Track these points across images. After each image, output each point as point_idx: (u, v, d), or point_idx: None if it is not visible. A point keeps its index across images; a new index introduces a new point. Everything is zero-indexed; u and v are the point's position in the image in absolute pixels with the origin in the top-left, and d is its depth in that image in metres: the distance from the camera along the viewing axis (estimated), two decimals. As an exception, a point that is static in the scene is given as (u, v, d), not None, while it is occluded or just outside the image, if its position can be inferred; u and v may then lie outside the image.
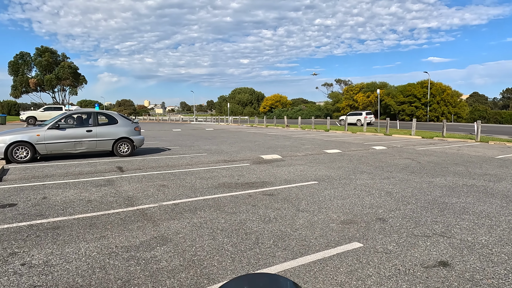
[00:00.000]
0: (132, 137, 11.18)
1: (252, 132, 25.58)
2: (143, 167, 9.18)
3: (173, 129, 30.14)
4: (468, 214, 5.01)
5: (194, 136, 21.60)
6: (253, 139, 18.97)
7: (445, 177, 7.86)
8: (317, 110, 77.60)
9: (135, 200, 5.76)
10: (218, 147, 14.24)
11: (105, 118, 11.25)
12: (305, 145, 15.41)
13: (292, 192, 6.37)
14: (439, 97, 52.24)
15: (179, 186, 6.79)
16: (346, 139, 18.95)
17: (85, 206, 5.38)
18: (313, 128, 29.55)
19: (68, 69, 56.25)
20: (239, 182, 7.26)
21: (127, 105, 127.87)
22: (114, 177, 7.71)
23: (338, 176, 7.93)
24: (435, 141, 17.63)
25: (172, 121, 61.22)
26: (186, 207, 5.30)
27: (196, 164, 9.63)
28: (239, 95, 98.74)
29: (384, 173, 8.43)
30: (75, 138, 10.28)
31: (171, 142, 16.66)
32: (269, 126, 36.21)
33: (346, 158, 11.01)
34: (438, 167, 9.37)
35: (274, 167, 9.19)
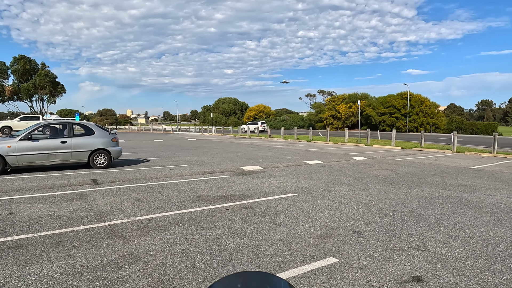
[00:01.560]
0: (109, 149, 10.89)
1: (235, 143, 25.47)
2: (119, 179, 8.92)
3: (154, 140, 29.70)
4: (443, 226, 5.05)
5: (176, 146, 21.32)
6: (236, 149, 18.87)
7: (422, 188, 7.96)
8: (300, 120, 78.32)
9: (107, 215, 5.54)
10: (199, 158, 14.06)
11: (81, 128, 10.94)
12: (286, 155, 15.41)
13: (271, 205, 6.29)
14: (418, 108, 53.67)
15: (155, 200, 6.60)
16: (328, 149, 19.10)
17: (54, 222, 5.13)
18: (296, 138, 29.70)
19: (45, 78, 54.95)
20: (217, 194, 7.13)
21: (108, 115, 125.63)
22: (87, 191, 7.44)
23: (318, 188, 7.92)
24: (414, 152, 17.98)
25: (154, 131, 60.43)
26: (160, 222, 5.13)
27: (175, 176, 9.44)
28: (223, 105, 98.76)
29: (363, 184, 8.47)
30: (48, 150, 9.92)
31: (151, 153, 16.36)
32: (252, 136, 36.21)
33: (326, 169, 11.05)
34: (415, 178, 9.50)
35: (254, 179, 9.10)
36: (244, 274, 0.78)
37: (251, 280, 0.76)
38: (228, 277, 0.76)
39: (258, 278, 0.76)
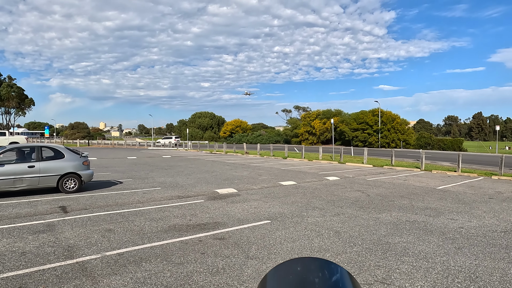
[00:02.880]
0: (80, 172, 10.61)
1: (210, 160, 25.38)
2: (90, 206, 8.69)
3: (128, 157, 29.08)
4: (408, 256, 5.27)
5: (150, 165, 20.98)
6: (211, 168, 18.82)
7: (390, 213, 8.26)
8: (277, 135, 79.18)
9: (76, 250, 5.40)
10: (174, 179, 13.92)
11: (50, 152, 10.61)
12: (262, 175, 15.54)
13: (244, 234, 6.34)
14: (389, 125, 55.69)
15: (126, 231, 6.49)
16: (302, 168, 19.41)
17: (17, 260, 4.94)
18: (272, 155, 29.99)
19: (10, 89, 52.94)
20: (190, 223, 7.10)
21: (80, 128, 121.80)
22: (55, 221, 7.20)
23: (291, 213, 8.04)
24: (385, 170, 18.60)
25: (128, 145, 59.10)
26: (131, 258, 5.06)
27: (147, 202, 9.31)
28: (199, 119, 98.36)
29: (335, 208, 8.69)
30: (14, 175, 9.55)
31: (124, 173, 16.02)
32: (228, 152, 36.19)
33: (300, 191, 11.23)
34: (385, 200, 9.84)
35: (229, 204, 9.13)
36: (304, 259, 0.79)
37: (310, 264, 0.77)
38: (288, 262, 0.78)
39: (317, 263, 0.78)
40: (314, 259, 0.80)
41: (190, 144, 49.38)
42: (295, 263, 0.78)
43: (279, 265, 0.78)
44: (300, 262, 0.79)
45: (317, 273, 0.73)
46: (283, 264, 0.78)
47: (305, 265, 0.77)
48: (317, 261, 0.79)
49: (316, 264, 0.77)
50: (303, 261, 0.79)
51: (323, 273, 0.73)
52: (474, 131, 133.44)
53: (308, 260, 0.79)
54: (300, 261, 0.79)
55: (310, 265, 0.77)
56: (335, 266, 0.77)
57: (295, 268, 0.76)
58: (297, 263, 0.78)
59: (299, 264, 0.78)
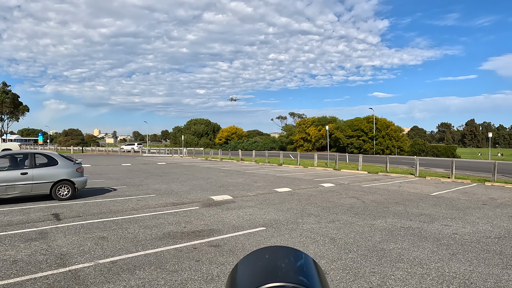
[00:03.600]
0: (74, 179, 10.52)
1: (206, 167, 25.31)
2: (83, 213, 8.60)
3: (122, 164, 28.89)
4: (403, 262, 5.27)
5: (145, 172, 20.86)
6: (206, 175, 18.76)
7: (385, 219, 8.28)
8: (272, 142, 79.28)
9: (68, 258, 5.33)
10: (168, 187, 13.84)
11: (43, 158, 10.51)
12: (257, 182, 15.51)
13: (239, 241, 6.31)
14: (384, 132, 56.07)
15: (120, 238, 6.42)
16: (298, 174, 19.42)
17: (8, 268, 4.86)
18: (267, 162, 29.98)
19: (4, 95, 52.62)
20: (185, 230, 7.05)
21: (74, 135, 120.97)
22: (48, 228, 7.11)
23: (286, 220, 8.03)
24: (380, 177, 18.67)
25: (123, 152, 58.76)
26: (124, 266, 5.00)
27: (142, 209, 9.24)
28: (195, 126, 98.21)
29: (330, 215, 8.69)
30: (6, 182, 9.44)
31: (118, 180, 15.90)
32: (224, 159, 36.12)
33: (295, 198, 11.22)
34: (380, 207, 9.87)
35: (224, 211, 9.09)
36: (272, 248, 0.83)
37: (278, 252, 0.82)
38: (257, 250, 0.83)
39: (283, 251, 0.83)
40: (282, 247, 0.85)
41: (185, 151, 49.21)
42: (264, 251, 0.83)
43: (249, 254, 0.84)
44: (268, 250, 0.84)
45: (283, 259, 0.79)
46: (253, 252, 0.84)
47: (273, 252, 0.82)
48: (284, 249, 0.85)
49: (283, 252, 0.83)
50: (271, 249, 0.85)
51: (289, 259, 0.79)
52: (467, 138, 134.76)
53: (276, 248, 0.84)
54: (269, 249, 0.85)
55: (277, 253, 0.82)
56: (300, 253, 0.83)
57: (264, 255, 0.80)
58: (265, 251, 0.83)
59: (268, 252, 0.82)
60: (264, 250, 0.84)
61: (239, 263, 0.82)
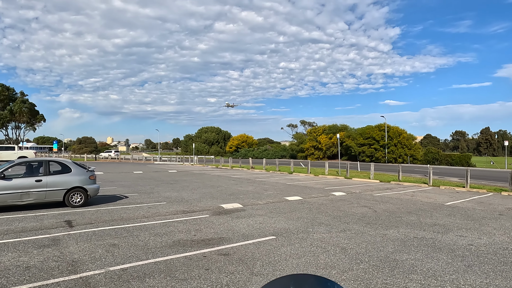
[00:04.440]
0: (86, 187, 10.67)
1: (216, 175, 25.36)
2: (95, 220, 8.70)
3: (134, 171, 29.20)
4: (416, 274, 5.15)
5: (156, 180, 21.02)
6: (217, 183, 18.78)
7: (398, 229, 8.12)
8: (282, 150, 79.14)
9: (80, 265, 5.38)
10: (179, 194, 13.91)
11: (57, 166, 10.71)
12: (267, 190, 15.45)
13: (249, 250, 6.27)
14: (396, 140, 55.40)
15: (130, 246, 6.46)
16: (308, 183, 19.28)
17: (21, 275, 4.93)
18: (278, 170, 29.88)
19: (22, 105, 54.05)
20: (195, 238, 7.05)
21: (88, 143, 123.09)
22: (60, 235, 7.21)
23: (296, 229, 7.95)
24: (392, 186, 18.39)
25: (135, 160, 59.43)
26: (134, 273, 5.02)
27: (152, 217, 9.29)
28: (205, 134, 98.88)
29: (341, 224, 8.57)
30: (21, 189, 9.63)
31: (129, 188, 16.06)
32: (234, 167, 36.16)
33: (306, 207, 11.13)
34: (392, 216, 9.69)
35: (234, 219, 9.06)
36: (297, 277, 0.74)
37: (304, 283, 0.72)
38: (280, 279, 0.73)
39: (311, 281, 0.72)
40: (309, 276, 0.75)
41: (196, 159, 49.48)
42: (287, 281, 0.73)
43: (269, 283, 0.73)
44: (293, 279, 0.73)
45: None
46: (274, 281, 0.73)
47: (298, 283, 0.72)
48: (312, 279, 0.73)
49: (310, 282, 0.72)
50: (296, 279, 0.74)
51: None
52: (483, 146, 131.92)
53: (302, 277, 0.74)
54: (293, 278, 0.74)
55: (303, 284, 0.72)
56: (332, 284, 0.72)
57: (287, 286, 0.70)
58: (289, 280, 0.73)
59: (292, 281, 0.72)
60: (288, 279, 0.73)
61: None
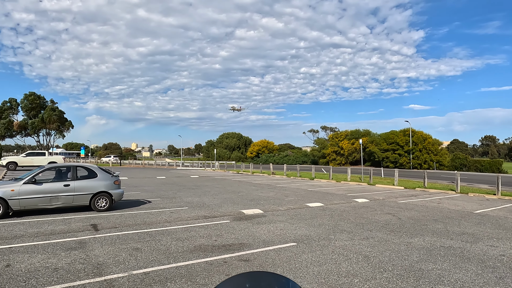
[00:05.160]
0: (111, 191, 10.98)
1: (237, 180, 25.47)
2: (119, 225, 8.92)
3: (157, 176, 29.78)
4: (443, 284, 4.96)
5: (178, 185, 21.34)
6: (237, 189, 18.86)
7: (423, 237, 7.86)
8: (304, 156, 78.54)
9: (104, 267, 5.52)
10: (200, 199, 14.05)
11: (84, 171, 11.09)
12: (288, 196, 15.36)
13: (269, 257, 6.24)
14: (421, 145, 53.81)
15: (153, 250, 6.57)
16: (330, 189, 19.02)
17: (50, 276, 5.12)
18: (299, 176, 29.66)
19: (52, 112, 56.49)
20: (216, 244, 7.09)
21: (113, 148, 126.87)
22: (86, 238, 7.44)
23: (318, 236, 7.85)
24: (417, 192, 17.84)
25: (158, 165, 60.64)
26: (156, 277, 5.10)
27: (174, 221, 9.43)
28: (226, 140, 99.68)
29: (364, 232, 8.39)
30: (51, 193, 10.03)
31: (152, 193, 16.38)
32: (255, 173, 36.20)
33: (327, 213, 10.97)
34: (417, 224, 9.40)
35: (254, 225, 9.06)
36: (253, 274, 0.74)
37: (259, 279, 0.72)
38: (235, 277, 0.73)
39: (266, 278, 0.73)
40: (264, 273, 0.75)
41: (217, 165, 49.92)
42: (243, 278, 0.73)
43: (225, 281, 0.73)
44: (248, 276, 0.74)
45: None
46: (230, 279, 0.73)
47: (254, 280, 0.72)
48: (267, 276, 0.74)
49: (265, 279, 0.72)
50: (252, 276, 0.74)
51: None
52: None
53: (257, 274, 0.74)
54: (249, 275, 0.74)
55: (259, 280, 0.72)
56: (286, 280, 0.72)
57: (243, 284, 0.70)
58: (245, 277, 0.73)
59: (247, 279, 0.72)
60: (244, 276, 0.74)
61: None
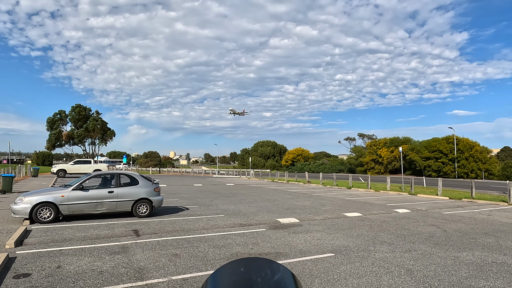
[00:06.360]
0: (152, 198, 11.38)
1: (272, 189, 25.41)
2: (159, 231, 9.20)
3: (194, 184, 30.46)
4: (497, 303, 4.59)
5: (214, 193, 21.69)
6: (273, 197, 18.80)
7: (472, 252, 7.36)
8: (340, 164, 76.83)
9: (145, 272, 5.71)
10: (236, 207, 14.16)
11: (127, 178, 11.61)
12: (325, 206, 15.06)
13: (306, 267, 6.13)
14: (467, 153, 50.71)
15: (191, 256, 6.71)
16: (368, 199, 18.41)
17: (96, 278, 5.38)
18: (335, 184, 29.03)
19: (95, 122, 60.03)
20: (252, 252, 7.09)
21: (153, 157, 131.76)
22: (129, 243, 7.75)
23: (356, 247, 7.61)
24: (464, 203, 16.78)
25: (195, 173, 62.09)
26: (194, 284, 5.19)
27: (211, 228, 9.57)
28: (261, 148, 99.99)
29: (406, 244, 8.01)
30: (96, 199, 10.59)
31: (190, 200, 16.76)
32: (290, 181, 35.93)
33: (366, 224, 10.61)
34: (465, 237, 8.82)
35: (291, 234, 8.96)
36: (247, 260, 0.80)
37: (253, 264, 0.78)
38: (231, 263, 0.79)
39: (260, 263, 0.79)
40: (257, 258, 0.81)
41: (252, 173, 50.15)
42: (238, 264, 0.79)
43: (222, 266, 0.79)
44: (243, 262, 0.80)
45: (259, 272, 0.74)
46: (227, 264, 0.79)
47: (248, 265, 0.78)
48: (260, 261, 0.80)
49: (258, 264, 0.78)
50: (246, 261, 0.80)
51: (265, 272, 0.74)
52: None
53: (251, 260, 0.80)
54: (243, 261, 0.80)
55: (252, 265, 0.78)
56: (277, 265, 0.78)
57: (238, 268, 0.76)
58: (240, 263, 0.79)
59: (242, 264, 0.78)
60: (239, 262, 0.80)
61: (210, 278, 0.77)
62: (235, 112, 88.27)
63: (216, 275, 0.77)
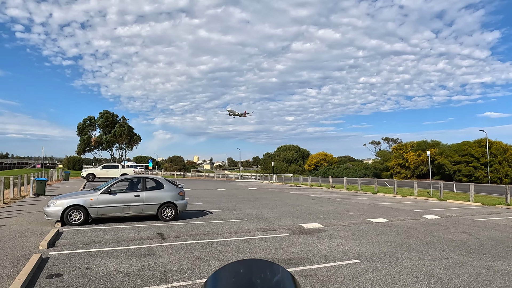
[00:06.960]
0: (176, 202, 11.58)
1: (295, 193, 25.22)
2: (183, 234, 9.33)
3: (217, 188, 30.72)
4: (536, 317, 4.33)
5: (237, 197, 21.77)
6: (296, 202, 18.65)
7: (508, 261, 6.98)
8: (365, 168, 75.27)
9: (170, 275, 5.80)
10: (259, 212, 14.15)
11: (152, 182, 11.87)
12: (349, 211, 14.78)
13: (331, 273, 6.03)
14: (501, 157, 48.40)
15: (215, 260, 6.75)
16: (395, 204, 17.90)
17: (123, 280, 5.52)
18: (360, 189, 28.43)
19: (122, 128, 61.94)
20: (275, 257, 7.05)
21: (177, 161, 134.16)
22: (154, 246, 7.90)
23: (383, 254, 7.40)
24: (498, 210, 15.98)
25: (218, 177, 62.66)
26: (218, 288, 5.21)
27: (235, 233, 9.60)
28: (284, 152, 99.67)
29: (435, 251, 7.72)
30: (124, 203, 10.89)
31: (213, 204, 16.91)
32: (313, 186, 35.54)
33: (393, 230, 10.31)
34: (500, 246, 8.39)
35: (314, 239, 8.85)
36: (246, 261, 0.81)
37: (253, 266, 0.79)
38: (230, 264, 0.80)
39: (259, 265, 0.79)
40: (257, 260, 0.81)
41: (275, 177, 50.01)
42: (238, 265, 0.79)
43: (222, 268, 0.80)
44: (242, 263, 0.80)
45: (259, 274, 0.75)
46: (226, 266, 0.79)
47: (248, 266, 0.78)
48: (260, 262, 0.80)
49: (258, 266, 0.79)
50: (246, 263, 0.81)
51: (265, 274, 0.75)
52: None
53: (250, 261, 0.80)
54: (243, 262, 0.81)
55: (252, 267, 0.78)
56: (277, 266, 0.79)
57: (238, 270, 0.77)
58: (239, 264, 0.80)
59: (242, 265, 0.79)
60: (238, 263, 0.81)
61: (209, 279, 0.77)
62: (234, 114, 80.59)
63: (216, 276, 0.79)
